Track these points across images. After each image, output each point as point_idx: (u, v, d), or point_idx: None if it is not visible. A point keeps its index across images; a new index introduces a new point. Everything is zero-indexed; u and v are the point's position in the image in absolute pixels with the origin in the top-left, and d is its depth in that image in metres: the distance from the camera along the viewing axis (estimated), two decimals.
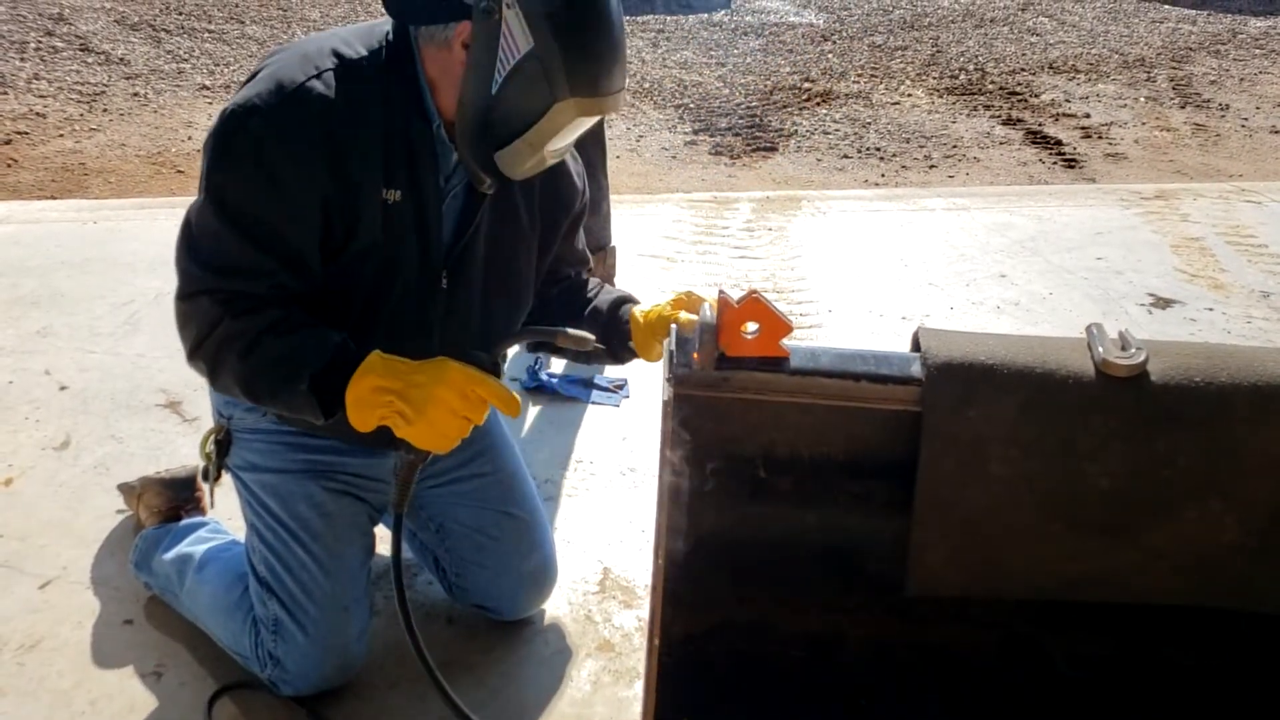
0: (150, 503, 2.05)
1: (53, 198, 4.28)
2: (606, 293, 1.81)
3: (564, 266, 1.83)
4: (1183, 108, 6.23)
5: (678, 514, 1.13)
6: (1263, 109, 6.28)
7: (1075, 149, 5.47)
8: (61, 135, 4.98)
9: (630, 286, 1.80)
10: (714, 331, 1.08)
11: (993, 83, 6.58)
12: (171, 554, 1.90)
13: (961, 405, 1.08)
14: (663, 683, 1.16)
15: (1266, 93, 6.60)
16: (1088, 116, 5.99)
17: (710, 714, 1.27)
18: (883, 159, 5.25)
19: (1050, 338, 1.15)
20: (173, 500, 2.04)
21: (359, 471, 1.74)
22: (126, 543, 2.06)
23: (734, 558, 1.21)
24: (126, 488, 2.13)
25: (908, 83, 6.56)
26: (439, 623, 1.94)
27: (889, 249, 3.84)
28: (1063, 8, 8.76)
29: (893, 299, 3.42)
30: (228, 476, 1.78)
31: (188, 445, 2.43)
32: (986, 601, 1.20)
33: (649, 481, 2.38)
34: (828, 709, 1.28)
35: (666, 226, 3.94)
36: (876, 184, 4.91)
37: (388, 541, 2.04)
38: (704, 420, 1.12)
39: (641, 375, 2.79)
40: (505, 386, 1.46)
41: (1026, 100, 6.25)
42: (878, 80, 6.59)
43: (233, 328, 1.45)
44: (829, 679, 1.27)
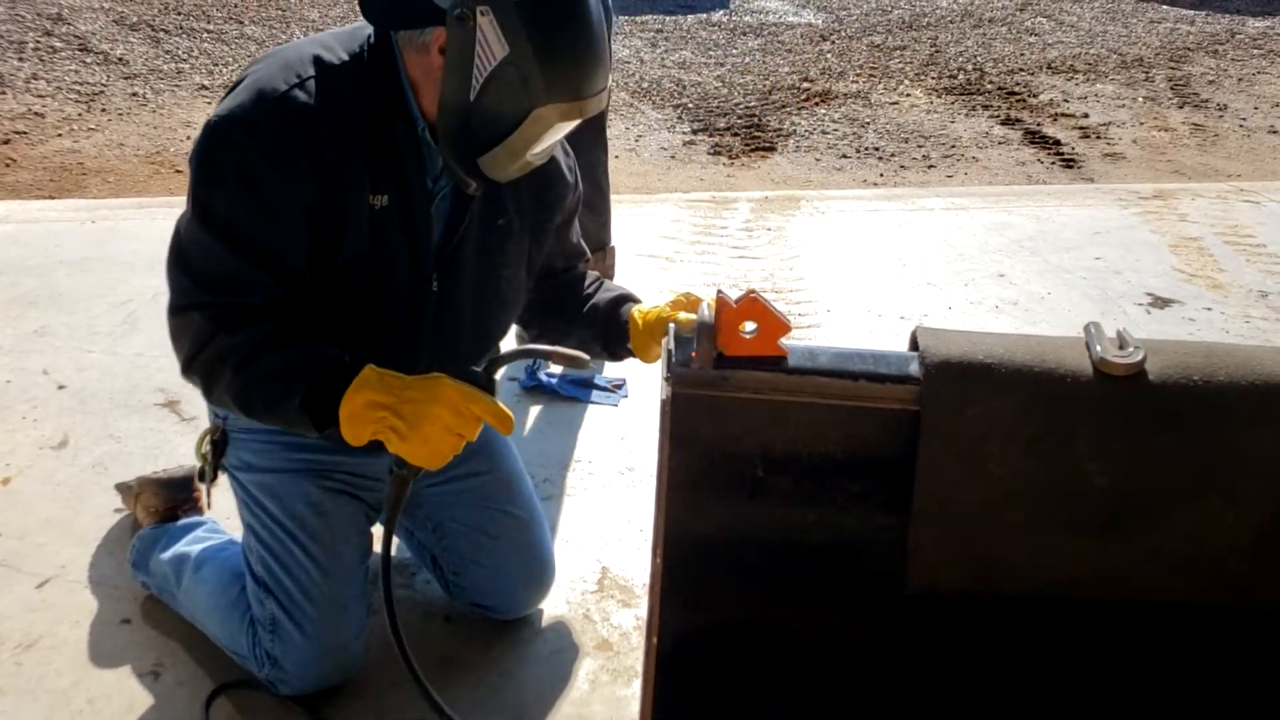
0: (147, 503, 2.05)
1: (51, 197, 4.27)
2: (606, 290, 1.81)
3: (559, 261, 1.83)
4: (1181, 108, 6.23)
5: (676, 513, 1.13)
6: (1261, 109, 6.29)
7: (1073, 149, 5.47)
8: (60, 135, 4.98)
9: (629, 286, 1.80)
10: (712, 331, 1.08)
11: (991, 83, 6.58)
12: (169, 554, 1.89)
13: (960, 404, 1.08)
14: (661, 682, 1.16)
15: (1264, 93, 6.60)
16: (1086, 116, 5.99)
17: (708, 713, 1.27)
18: (881, 159, 5.25)
19: (1048, 337, 1.15)
20: (170, 500, 2.04)
21: (355, 470, 1.74)
22: (124, 542, 2.06)
23: (732, 557, 1.21)
24: (124, 487, 2.13)
25: (906, 82, 6.56)
26: (437, 622, 1.94)
27: (888, 249, 3.84)
28: (1061, 8, 8.77)
29: (891, 298, 3.42)
30: (224, 476, 1.78)
31: (186, 444, 2.42)
32: (985, 600, 1.20)
33: (647, 481, 2.37)
34: (826, 708, 1.28)
35: (665, 226, 3.94)
36: (875, 184, 4.91)
37: None
38: (702, 420, 1.12)
39: (640, 375, 2.79)
40: (499, 404, 1.47)
41: (1025, 100, 6.26)
42: (876, 80, 6.59)
43: (226, 343, 1.45)
44: (827, 678, 1.27)
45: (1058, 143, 5.55)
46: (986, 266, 3.70)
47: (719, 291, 1.12)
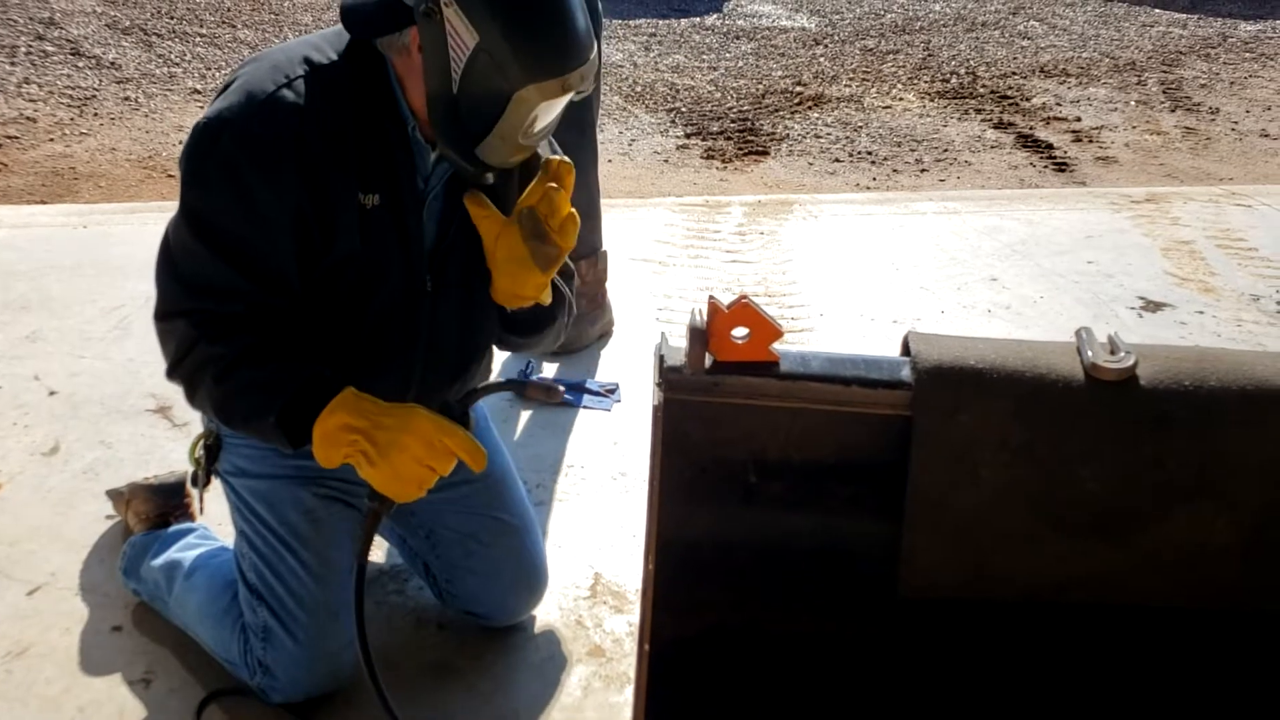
0: (139, 509, 2.04)
1: (43, 202, 4.26)
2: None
3: None
4: (1173, 111, 6.25)
5: (668, 518, 1.12)
6: (1253, 112, 6.30)
7: (1066, 152, 5.48)
8: (52, 139, 4.96)
9: (621, 291, 1.79)
10: (704, 336, 1.08)
11: (984, 86, 6.59)
12: (160, 560, 1.89)
13: (952, 409, 1.09)
14: (653, 687, 1.16)
15: (1256, 96, 6.62)
16: (1078, 120, 6.01)
17: (701, 719, 1.27)
18: (874, 163, 5.26)
19: (1040, 342, 1.15)
20: (161, 507, 2.03)
21: (348, 477, 1.73)
22: (115, 549, 2.05)
23: (725, 562, 1.20)
24: (115, 494, 2.12)
25: (899, 86, 6.57)
26: (429, 629, 1.93)
27: (880, 253, 3.84)
28: (1054, 12, 8.79)
29: (884, 303, 3.42)
30: (217, 482, 1.77)
31: (177, 450, 2.42)
32: (978, 604, 1.20)
33: (640, 486, 2.37)
34: (819, 713, 1.27)
35: (658, 230, 3.94)
36: (868, 188, 4.92)
37: (379, 547, 2.04)
38: (694, 425, 1.12)
39: (633, 380, 2.79)
40: (473, 439, 1.47)
41: (1017, 104, 6.27)
42: (869, 84, 6.60)
43: (208, 352, 1.45)
44: (820, 683, 1.27)
45: (1050, 146, 5.56)
46: (979, 270, 3.70)
47: (711, 297, 1.12)
